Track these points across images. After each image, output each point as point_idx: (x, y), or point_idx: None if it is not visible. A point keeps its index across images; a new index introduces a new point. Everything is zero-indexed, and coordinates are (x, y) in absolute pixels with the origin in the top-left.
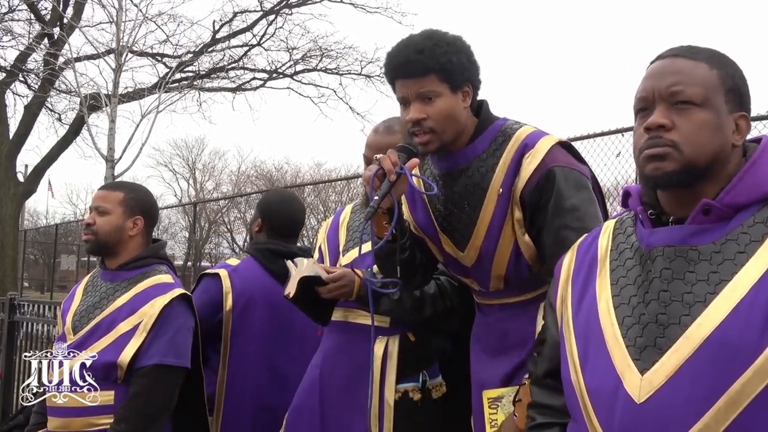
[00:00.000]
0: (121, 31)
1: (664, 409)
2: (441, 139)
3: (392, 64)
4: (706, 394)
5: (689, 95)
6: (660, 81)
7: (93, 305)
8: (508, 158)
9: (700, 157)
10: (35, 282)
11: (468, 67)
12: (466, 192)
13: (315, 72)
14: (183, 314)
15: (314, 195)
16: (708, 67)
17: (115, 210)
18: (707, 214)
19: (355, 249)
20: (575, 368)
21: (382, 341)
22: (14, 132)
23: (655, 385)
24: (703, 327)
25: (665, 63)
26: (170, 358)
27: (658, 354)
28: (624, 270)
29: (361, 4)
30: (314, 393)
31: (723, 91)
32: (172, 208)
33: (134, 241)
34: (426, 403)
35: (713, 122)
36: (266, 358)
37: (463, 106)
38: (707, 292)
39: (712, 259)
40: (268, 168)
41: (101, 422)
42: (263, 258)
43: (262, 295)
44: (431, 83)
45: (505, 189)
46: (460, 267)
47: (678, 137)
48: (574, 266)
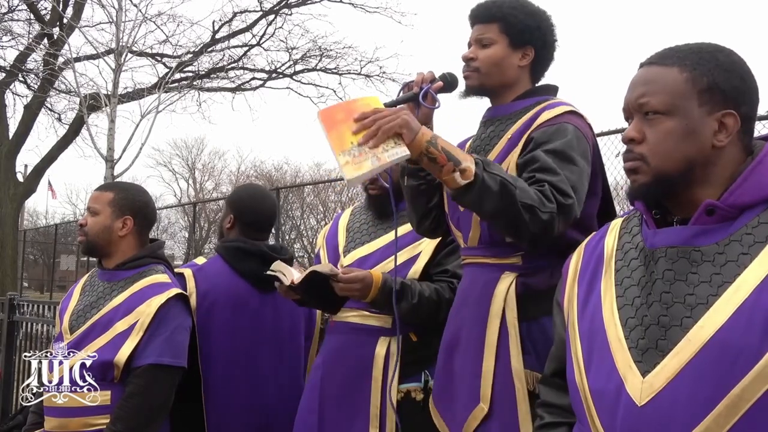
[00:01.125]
0: (120, 31)
1: (665, 411)
2: (480, 80)
3: (471, 11)
4: (707, 397)
5: (653, 105)
6: (632, 93)
7: (90, 305)
8: (530, 114)
9: (669, 166)
10: (35, 282)
11: (534, 31)
12: (489, 138)
13: (314, 72)
14: (180, 314)
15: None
16: (678, 71)
17: (104, 210)
18: (711, 215)
19: (356, 249)
20: (579, 369)
21: (384, 341)
22: (14, 132)
23: (656, 388)
24: (704, 329)
25: (639, 73)
26: (166, 358)
27: (659, 356)
28: (628, 270)
29: (360, 4)
30: (314, 394)
31: (695, 94)
32: (172, 208)
33: (126, 241)
34: (428, 403)
35: (681, 129)
36: (237, 358)
37: (518, 64)
38: (709, 294)
39: (715, 260)
40: (268, 168)
41: (98, 422)
42: (230, 257)
43: (228, 295)
44: (491, 31)
45: (514, 136)
46: (456, 213)
47: (646, 149)
48: (581, 265)
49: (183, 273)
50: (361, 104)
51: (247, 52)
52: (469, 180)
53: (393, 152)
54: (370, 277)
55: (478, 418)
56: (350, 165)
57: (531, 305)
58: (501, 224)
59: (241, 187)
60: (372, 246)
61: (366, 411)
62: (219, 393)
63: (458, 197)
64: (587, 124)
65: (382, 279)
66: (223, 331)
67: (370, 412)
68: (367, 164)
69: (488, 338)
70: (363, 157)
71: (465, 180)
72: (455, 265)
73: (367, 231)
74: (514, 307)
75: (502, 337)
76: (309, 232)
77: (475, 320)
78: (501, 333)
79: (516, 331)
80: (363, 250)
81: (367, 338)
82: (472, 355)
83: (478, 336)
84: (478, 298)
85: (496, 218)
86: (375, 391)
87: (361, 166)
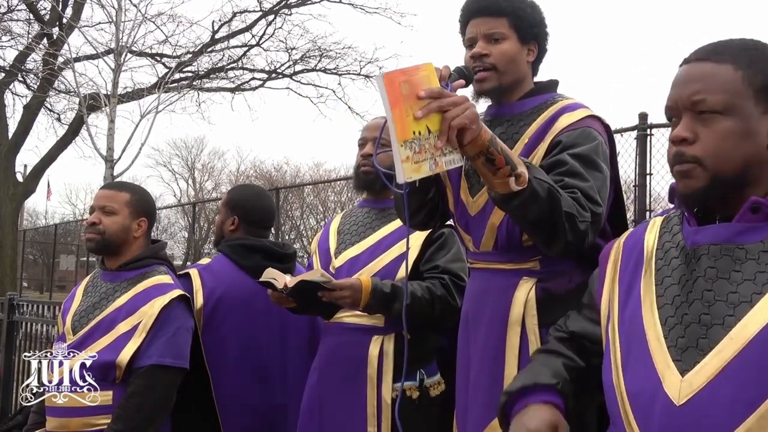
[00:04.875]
0: (120, 31)
1: (704, 411)
2: (499, 80)
3: (470, 4)
4: (749, 398)
5: (711, 104)
6: (683, 90)
7: (93, 305)
8: (546, 116)
9: (728, 168)
10: (34, 282)
11: (539, 26)
12: (500, 139)
13: (314, 72)
14: (182, 315)
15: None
16: (733, 68)
17: (123, 210)
18: (756, 212)
19: (347, 250)
20: (617, 371)
21: (378, 340)
22: (13, 132)
23: (695, 387)
24: (747, 328)
25: (688, 69)
26: (168, 359)
27: (699, 355)
28: (669, 269)
29: (360, 5)
30: (314, 395)
31: (751, 93)
32: (172, 208)
33: (137, 242)
34: (424, 402)
35: (739, 129)
36: (245, 356)
37: (527, 60)
38: (753, 292)
39: (759, 258)
40: (268, 168)
41: (99, 422)
42: (235, 254)
43: (235, 291)
44: (501, 25)
45: (531, 139)
46: (465, 217)
47: (701, 151)
48: (620, 265)
49: (189, 273)
50: (423, 76)
51: (246, 53)
52: (523, 186)
53: (450, 158)
54: (358, 283)
55: (496, 429)
56: (410, 163)
57: (550, 310)
58: (539, 232)
59: (237, 188)
60: (362, 246)
61: (363, 410)
62: (227, 390)
63: (504, 202)
64: (604, 127)
65: (372, 284)
66: (230, 327)
67: (367, 411)
68: (425, 167)
69: (509, 345)
70: (422, 155)
71: (519, 186)
72: (445, 260)
73: (356, 231)
74: (535, 314)
75: (523, 344)
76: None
77: (491, 327)
78: (522, 339)
79: (537, 338)
80: (353, 251)
81: (360, 338)
82: (489, 363)
83: (495, 343)
84: (495, 304)
85: (536, 226)
86: (371, 390)
87: (420, 168)
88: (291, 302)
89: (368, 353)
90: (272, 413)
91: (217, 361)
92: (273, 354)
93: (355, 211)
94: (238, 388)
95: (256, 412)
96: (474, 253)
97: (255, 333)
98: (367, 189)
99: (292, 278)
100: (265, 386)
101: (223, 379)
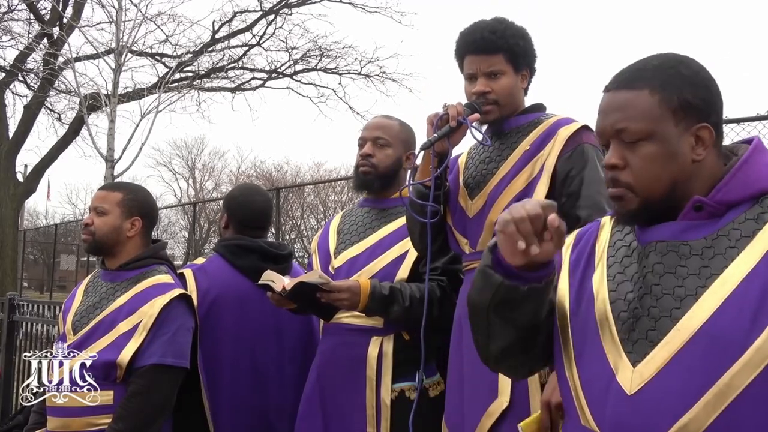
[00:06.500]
0: (120, 31)
1: (655, 400)
2: (500, 112)
3: (465, 41)
4: (695, 386)
5: (633, 132)
6: (606, 120)
7: (93, 305)
8: (544, 128)
9: (656, 189)
10: (35, 282)
11: (529, 53)
12: (497, 150)
13: (314, 72)
14: (183, 314)
15: (314, 195)
16: (649, 93)
17: (113, 211)
18: (699, 211)
19: (347, 250)
20: (570, 363)
21: (377, 341)
22: (14, 132)
23: (645, 377)
24: (693, 320)
25: (609, 98)
26: (169, 358)
27: (649, 346)
28: (621, 266)
29: (360, 4)
30: (315, 396)
31: (669, 114)
32: (172, 208)
33: (132, 242)
34: (423, 402)
35: (663, 152)
36: (241, 356)
37: (521, 86)
38: (698, 286)
39: (703, 253)
40: (268, 168)
41: (101, 422)
42: (229, 254)
43: (230, 292)
44: (498, 62)
45: (532, 148)
46: (463, 221)
47: (631, 177)
48: (571, 262)
49: (183, 273)
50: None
51: (247, 52)
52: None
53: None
54: (356, 285)
55: (495, 413)
56: None
57: None
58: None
59: (235, 187)
60: (361, 246)
61: (362, 411)
62: (223, 392)
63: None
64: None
65: (371, 286)
66: (225, 327)
67: (366, 412)
68: None
69: None
70: None
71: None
72: (444, 262)
73: (356, 231)
74: None
75: None
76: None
77: None
78: None
79: None
80: (353, 251)
81: (359, 338)
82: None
83: None
84: None
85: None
86: (369, 390)
87: None
88: (290, 304)
89: (367, 354)
90: (268, 413)
91: (212, 361)
92: (268, 354)
93: (356, 211)
94: (233, 388)
95: (252, 412)
96: (470, 254)
97: (250, 333)
98: (367, 189)
99: (291, 280)
100: (260, 386)
101: (218, 379)
